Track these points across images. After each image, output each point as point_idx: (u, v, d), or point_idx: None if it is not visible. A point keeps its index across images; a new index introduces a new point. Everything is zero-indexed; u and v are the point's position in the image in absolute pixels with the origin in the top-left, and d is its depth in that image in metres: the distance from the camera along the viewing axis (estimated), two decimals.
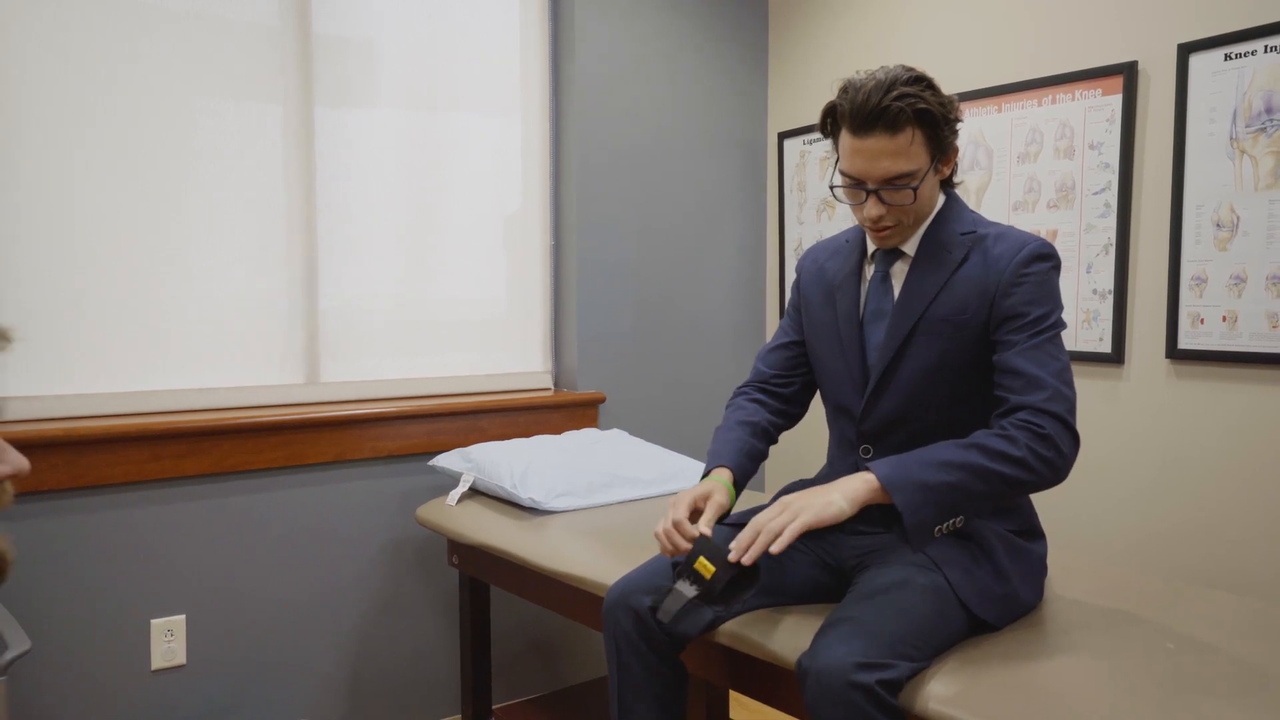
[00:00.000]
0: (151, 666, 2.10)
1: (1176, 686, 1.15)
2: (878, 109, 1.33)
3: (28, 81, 1.97)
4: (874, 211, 1.40)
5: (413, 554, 2.46)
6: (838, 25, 2.81)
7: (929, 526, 1.27)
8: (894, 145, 1.34)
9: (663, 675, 1.45)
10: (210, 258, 2.21)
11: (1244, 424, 1.99)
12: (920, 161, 1.37)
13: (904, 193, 1.38)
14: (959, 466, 1.28)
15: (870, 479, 1.29)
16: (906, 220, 1.43)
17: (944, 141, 1.39)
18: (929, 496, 1.26)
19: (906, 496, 1.26)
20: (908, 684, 1.21)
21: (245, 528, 2.21)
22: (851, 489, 1.29)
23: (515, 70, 2.66)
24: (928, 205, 1.44)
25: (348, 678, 2.37)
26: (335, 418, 2.30)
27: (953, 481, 1.27)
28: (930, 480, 1.27)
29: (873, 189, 1.39)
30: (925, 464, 1.29)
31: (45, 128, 2.00)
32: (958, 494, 1.27)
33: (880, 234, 1.45)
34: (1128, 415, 2.18)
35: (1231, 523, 2.01)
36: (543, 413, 2.63)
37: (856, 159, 1.37)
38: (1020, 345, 1.35)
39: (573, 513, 2.09)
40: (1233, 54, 1.96)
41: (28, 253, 1.99)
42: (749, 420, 1.61)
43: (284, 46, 2.28)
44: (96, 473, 2.01)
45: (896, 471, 1.28)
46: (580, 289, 2.69)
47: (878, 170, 1.37)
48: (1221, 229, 2.00)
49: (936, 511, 1.27)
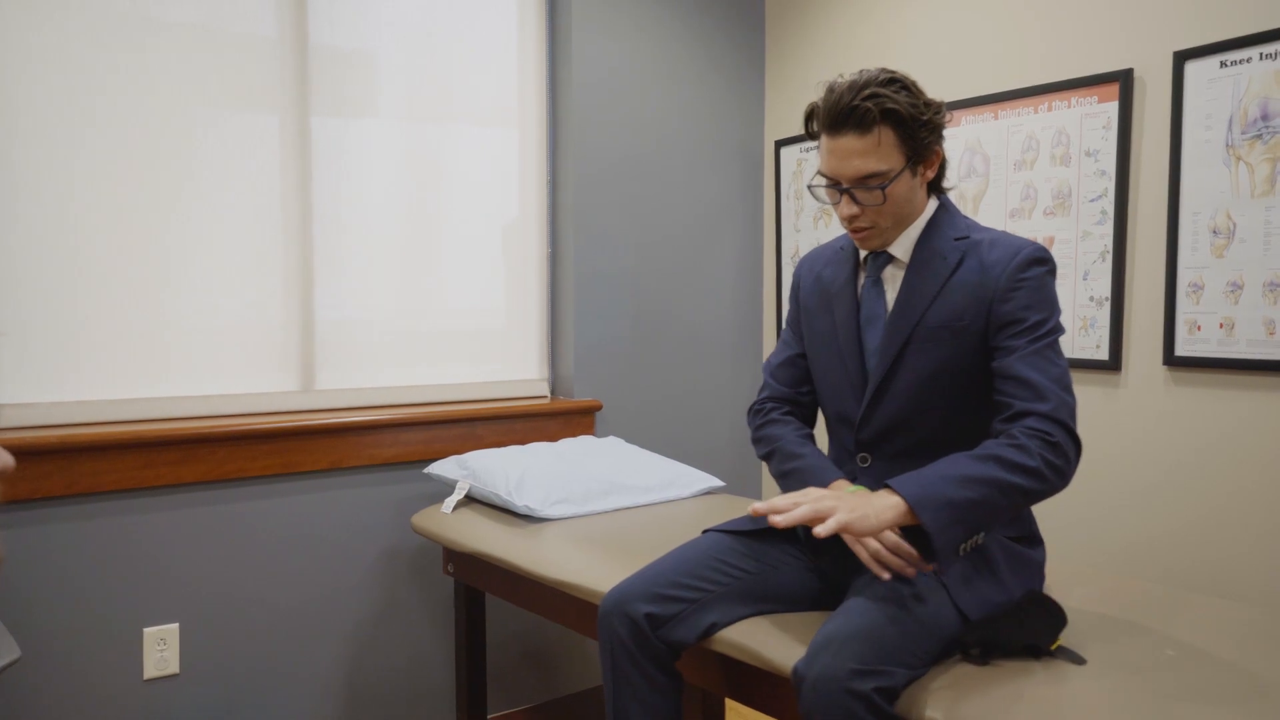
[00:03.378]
0: (144, 675, 2.08)
1: (1177, 695, 1.14)
2: (848, 108, 1.35)
3: (25, 89, 1.97)
4: (847, 211, 1.42)
5: (408, 562, 2.45)
6: (834, 33, 2.82)
7: (956, 545, 1.24)
8: (864, 144, 1.36)
9: (659, 684, 1.44)
10: (206, 266, 2.20)
11: (1241, 431, 1.99)
12: (892, 162, 1.38)
13: (874, 193, 1.39)
14: (981, 481, 1.24)
15: (897, 502, 1.23)
16: (883, 222, 1.43)
17: (920, 143, 1.39)
18: (955, 514, 1.22)
19: (934, 516, 1.21)
20: (904, 692, 1.20)
21: (239, 535, 2.20)
22: (879, 510, 1.23)
23: (512, 80, 2.66)
24: (906, 208, 1.44)
25: (342, 687, 2.36)
26: (330, 425, 2.29)
27: (976, 498, 1.23)
28: (956, 497, 1.23)
29: (846, 188, 1.40)
30: (948, 480, 1.25)
31: (42, 134, 1.99)
32: (981, 510, 1.24)
33: (858, 234, 1.46)
34: (1125, 422, 2.18)
35: (1229, 529, 2.01)
36: (539, 420, 2.62)
37: (830, 158, 1.40)
38: (1021, 351, 1.35)
39: (569, 520, 2.08)
40: (1228, 61, 1.97)
41: (24, 260, 1.99)
42: (807, 434, 1.60)
43: (281, 57, 2.28)
44: (90, 480, 2.00)
45: (924, 491, 1.23)
46: (577, 297, 2.69)
47: (849, 169, 1.39)
48: (1218, 236, 2.00)
49: (964, 530, 1.24)
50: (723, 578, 1.48)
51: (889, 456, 1.48)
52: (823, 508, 1.22)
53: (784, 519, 1.22)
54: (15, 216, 1.97)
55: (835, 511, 1.21)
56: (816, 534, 1.20)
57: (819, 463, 1.53)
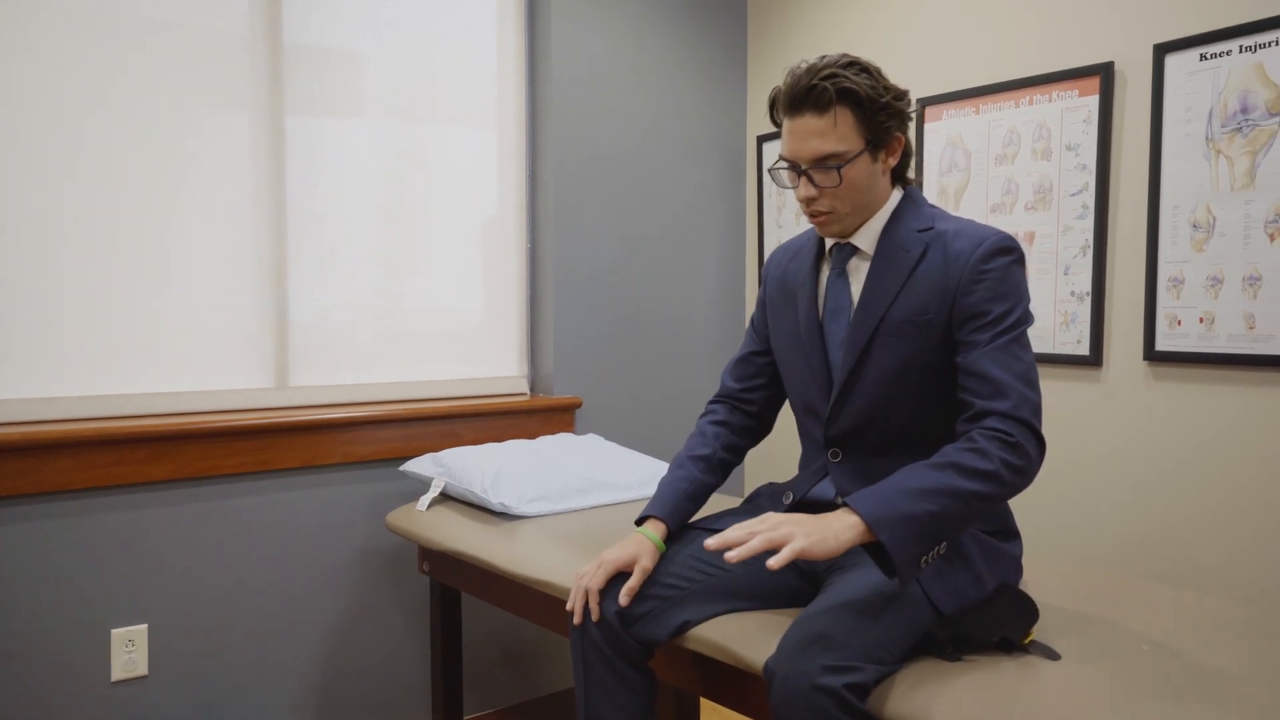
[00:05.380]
0: (112, 678, 2.04)
1: (1151, 690, 1.13)
2: (806, 89, 1.36)
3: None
4: (804, 193, 1.41)
5: (383, 561, 2.41)
6: (817, 27, 2.80)
7: (917, 560, 1.21)
8: (821, 124, 1.36)
9: (631, 682, 1.41)
10: (178, 262, 2.17)
11: (1221, 426, 1.98)
12: (850, 144, 1.37)
13: (831, 174, 1.38)
14: (940, 493, 1.22)
15: (855, 521, 1.21)
16: (842, 207, 1.41)
17: (880, 126, 1.38)
18: (914, 530, 1.20)
19: (892, 533, 1.19)
20: (876, 688, 1.18)
21: (211, 534, 2.17)
22: (837, 532, 1.21)
23: (491, 76, 2.64)
24: (865, 194, 1.42)
25: (316, 688, 2.32)
26: (305, 422, 2.26)
27: (935, 510, 1.21)
28: (914, 511, 1.20)
29: (804, 169, 1.39)
30: (905, 494, 1.22)
31: (9, 130, 1.96)
32: (941, 522, 1.22)
33: (816, 220, 1.44)
34: (1106, 418, 2.16)
35: (1210, 524, 1.99)
36: (518, 418, 2.59)
37: (789, 139, 1.40)
38: (984, 346, 1.32)
39: (546, 518, 2.05)
40: (1208, 54, 1.96)
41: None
42: (701, 455, 1.60)
43: (254, 55, 2.25)
44: (58, 478, 1.96)
45: (880, 507, 1.21)
46: (557, 293, 2.66)
47: (807, 150, 1.38)
48: (1198, 230, 1.99)
49: (923, 545, 1.21)
50: (698, 575, 1.46)
51: (860, 451, 1.45)
52: (778, 536, 1.20)
53: (737, 554, 1.20)
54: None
55: (792, 538, 1.19)
56: (769, 566, 1.17)
57: (661, 490, 1.55)
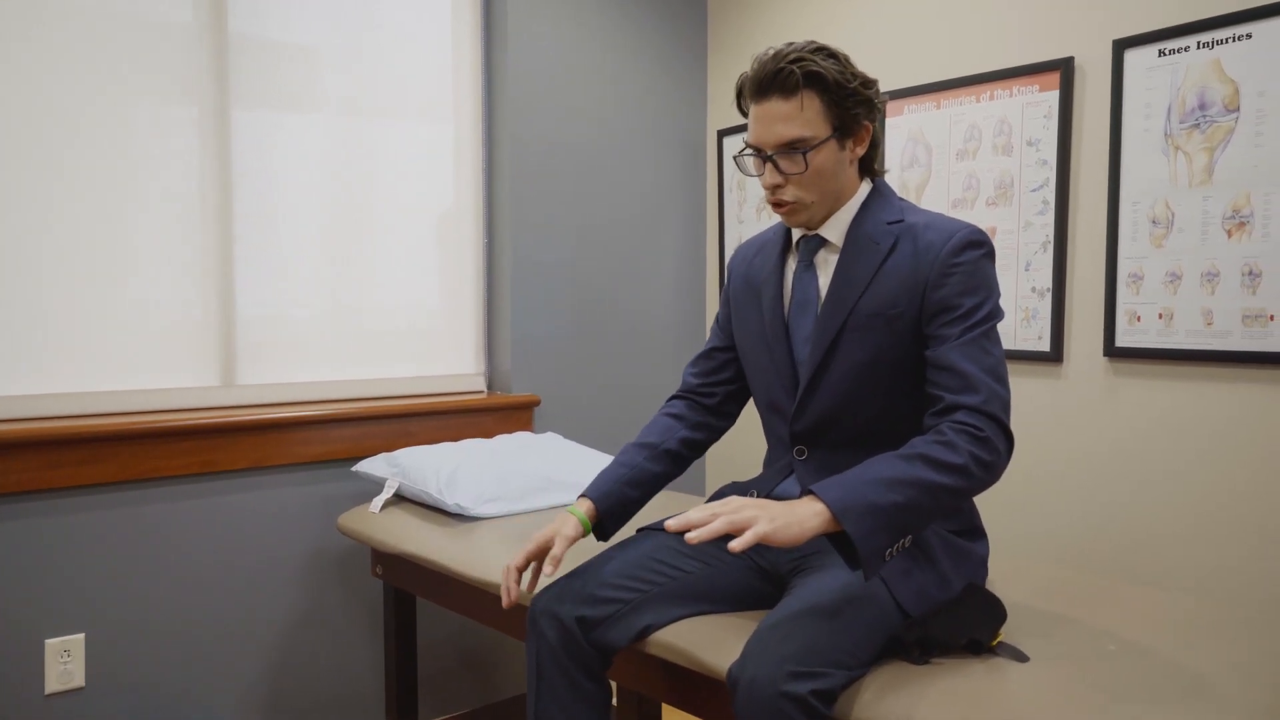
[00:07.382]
0: (45, 690, 1.95)
1: (1118, 690, 1.11)
2: (773, 73, 1.34)
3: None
4: (770, 180, 1.39)
5: (334, 565, 2.34)
6: (777, 21, 2.78)
7: (882, 552, 1.18)
8: (787, 109, 1.34)
9: (585, 692, 1.37)
10: (118, 256, 2.08)
11: (1181, 422, 1.98)
12: (817, 129, 1.35)
13: (797, 159, 1.35)
14: (907, 484, 1.19)
15: (821, 509, 1.17)
16: (807, 196, 1.38)
17: (847, 113, 1.36)
18: (880, 521, 1.16)
19: (858, 523, 1.15)
20: (843, 694, 1.15)
21: (152, 539, 2.08)
22: (802, 519, 1.16)
23: (446, 67, 2.57)
24: (832, 183, 1.39)
25: (265, 698, 2.24)
26: (252, 421, 2.18)
27: (902, 501, 1.18)
28: (881, 502, 1.17)
29: (769, 155, 1.37)
30: (872, 484, 1.19)
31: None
32: (907, 514, 1.19)
33: (781, 209, 1.42)
34: (1066, 414, 2.16)
35: (1169, 519, 2.00)
36: (475, 416, 2.53)
37: (755, 125, 1.38)
38: (953, 340, 1.30)
39: (502, 519, 2.00)
40: (1166, 50, 1.96)
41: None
42: (646, 443, 1.56)
43: (199, 46, 2.17)
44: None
45: (847, 496, 1.17)
46: (515, 289, 2.61)
47: (772, 135, 1.36)
48: (1158, 226, 1.99)
49: (889, 536, 1.18)
50: (659, 578, 1.42)
51: (827, 448, 1.42)
52: (740, 519, 1.15)
53: (698, 535, 1.15)
54: None
55: (755, 522, 1.14)
56: (731, 549, 1.12)
57: (599, 475, 1.53)
